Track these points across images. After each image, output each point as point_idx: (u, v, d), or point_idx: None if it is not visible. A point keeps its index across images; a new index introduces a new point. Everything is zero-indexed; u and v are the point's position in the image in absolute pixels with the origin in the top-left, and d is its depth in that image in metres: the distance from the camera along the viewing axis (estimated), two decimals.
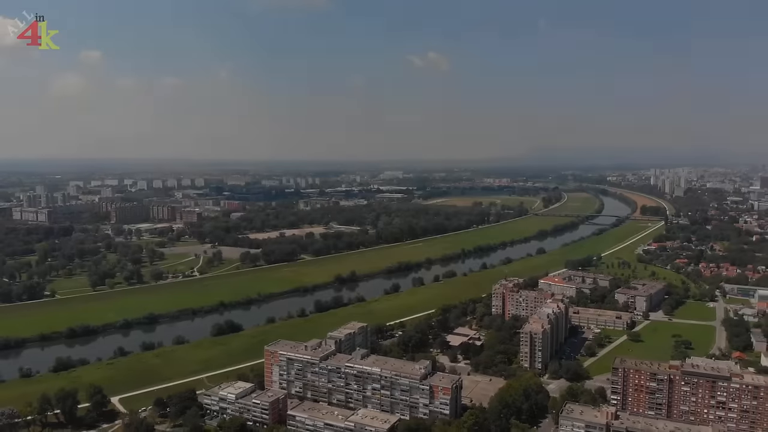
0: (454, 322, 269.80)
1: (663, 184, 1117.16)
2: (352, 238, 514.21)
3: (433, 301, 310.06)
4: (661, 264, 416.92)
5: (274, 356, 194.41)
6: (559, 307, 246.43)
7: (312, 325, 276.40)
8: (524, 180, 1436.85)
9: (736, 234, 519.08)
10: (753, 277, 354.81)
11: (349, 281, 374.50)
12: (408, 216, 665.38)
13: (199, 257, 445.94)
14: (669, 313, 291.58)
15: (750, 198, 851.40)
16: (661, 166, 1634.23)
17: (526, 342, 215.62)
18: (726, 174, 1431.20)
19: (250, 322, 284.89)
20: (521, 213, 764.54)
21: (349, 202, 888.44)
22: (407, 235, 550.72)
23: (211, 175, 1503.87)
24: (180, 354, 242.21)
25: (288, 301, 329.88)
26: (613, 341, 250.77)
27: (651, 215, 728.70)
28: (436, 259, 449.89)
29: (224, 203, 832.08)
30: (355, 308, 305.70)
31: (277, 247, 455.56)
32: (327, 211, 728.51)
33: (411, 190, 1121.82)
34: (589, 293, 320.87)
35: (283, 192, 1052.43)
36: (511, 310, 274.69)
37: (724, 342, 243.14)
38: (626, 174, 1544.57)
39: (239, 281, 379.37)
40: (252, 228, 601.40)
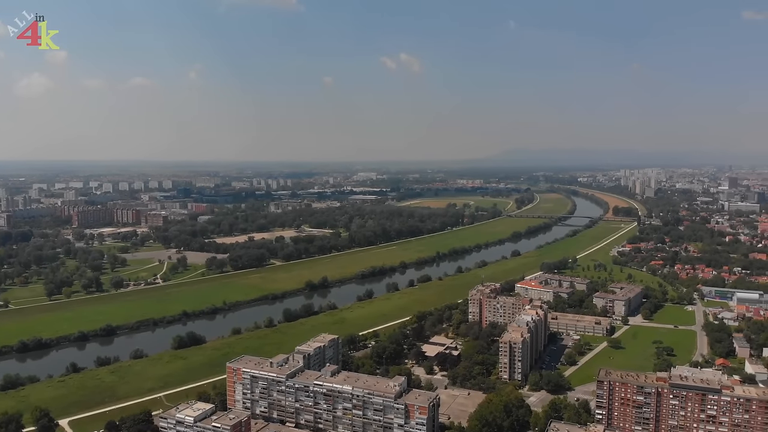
0: (430, 330, 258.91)
1: (633, 185, 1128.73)
2: (324, 241, 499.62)
3: (408, 308, 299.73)
4: (637, 266, 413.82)
5: (237, 374, 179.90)
6: (537, 314, 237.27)
7: (280, 336, 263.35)
8: (497, 181, 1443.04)
9: (709, 235, 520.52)
10: (729, 279, 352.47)
11: (321, 287, 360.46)
12: (382, 218, 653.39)
13: (163, 263, 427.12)
14: (648, 317, 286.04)
15: (720, 198, 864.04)
16: (630, 166, 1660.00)
17: (506, 352, 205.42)
18: (694, 174, 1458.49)
19: (214, 333, 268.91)
20: (495, 214, 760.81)
21: (322, 204, 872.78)
22: (381, 238, 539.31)
23: (179, 176, 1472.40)
24: (137, 369, 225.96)
25: (255, 310, 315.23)
26: (594, 348, 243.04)
27: (623, 216, 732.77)
28: (411, 262, 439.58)
29: (191, 206, 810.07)
30: (327, 317, 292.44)
31: (245, 252, 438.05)
32: (298, 214, 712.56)
33: (385, 192, 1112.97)
34: (567, 297, 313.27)
35: (254, 194, 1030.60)
36: (488, 316, 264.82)
37: (706, 348, 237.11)
38: (596, 175, 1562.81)
39: (204, 289, 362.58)
40: (220, 232, 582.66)
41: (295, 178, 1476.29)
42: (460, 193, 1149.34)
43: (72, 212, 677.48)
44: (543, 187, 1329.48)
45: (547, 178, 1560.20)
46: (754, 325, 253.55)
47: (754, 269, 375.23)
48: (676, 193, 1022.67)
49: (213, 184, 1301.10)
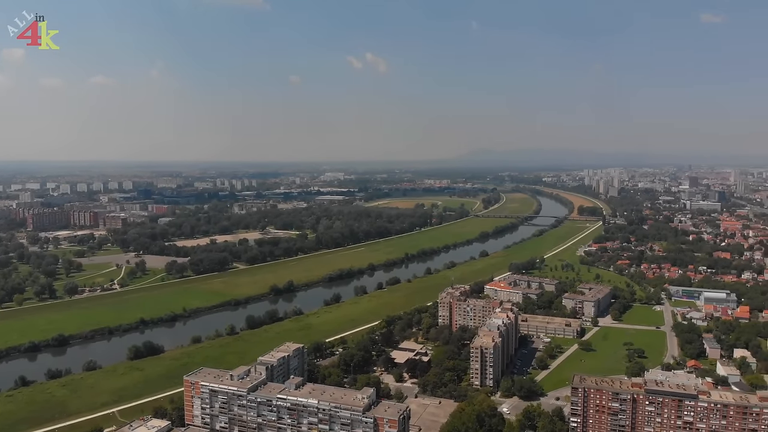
0: (400, 336, 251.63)
1: (597, 185, 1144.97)
2: (290, 243, 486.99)
3: (377, 312, 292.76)
4: (604, 266, 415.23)
5: (195, 387, 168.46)
6: (508, 317, 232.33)
7: (243, 344, 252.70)
8: (464, 181, 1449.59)
9: (673, 234, 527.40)
10: (695, 278, 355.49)
11: (286, 292, 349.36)
12: (349, 219, 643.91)
13: (121, 268, 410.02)
14: (617, 318, 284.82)
15: (681, 198, 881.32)
16: (593, 166, 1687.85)
17: (477, 358, 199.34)
18: (655, 174, 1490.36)
19: (173, 342, 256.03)
20: (462, 215, 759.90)
21: (288, 204, 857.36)
22: (349, 240, 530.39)
23: (140, 177, 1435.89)
24: (90, 382, 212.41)
25: (217, 317, 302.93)
26: (565, 351, 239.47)
27: (588, 215, 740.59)
28: (379, 264, 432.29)
29: (152, 207, 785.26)
30: (292, 323, 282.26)
31: (207, 256, 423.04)
32: (264, 215, 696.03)
33: (352, 192, 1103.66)
34: (536, 299, 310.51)
35: (217, 194, 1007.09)
36: (458, 320, 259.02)
37: (676, 349, 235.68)
38: (560, 175, 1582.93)
39: (163, 295, 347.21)
40: (181, 234, 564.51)
41: (260, 178, 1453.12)
42: (428, 194, 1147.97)
43: (27, 215, 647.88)
44: (508, 187, 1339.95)
45: (512, 178, 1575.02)
46: (723, 325, 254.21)
47: (719, 268, 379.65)
48: (638, 192, 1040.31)
49: (175, 184, 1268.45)
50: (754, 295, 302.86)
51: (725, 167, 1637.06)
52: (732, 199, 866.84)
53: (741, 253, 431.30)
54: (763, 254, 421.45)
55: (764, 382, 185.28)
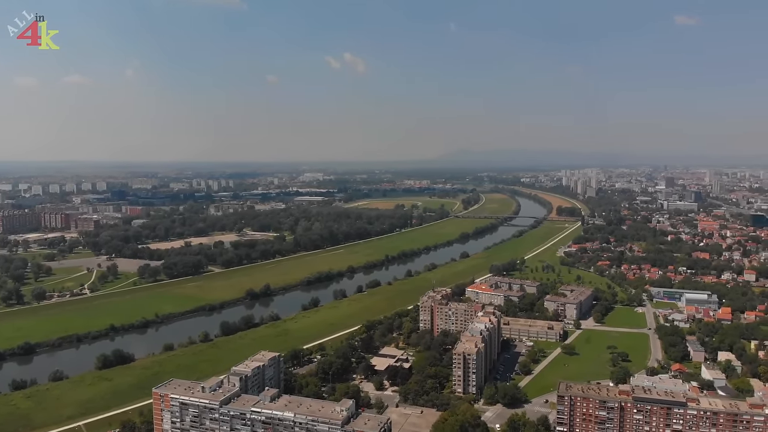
0: (380, 341, 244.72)
1: (575, 185, 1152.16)
2: (267, 246, 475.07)
3: (357, 316, 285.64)
4: (584, 267, 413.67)
5: (164, 400, 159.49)
6: (491, 321, 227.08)
7: (217, 351, 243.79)
8: (443, 181, 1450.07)
9: (651, 234, 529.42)
10: (675, 279, 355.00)
11: (263, 296, 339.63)
12: (329, 220, 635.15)
13: (92, 272, 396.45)
14: (599, 320, 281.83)
15: (658, 198, 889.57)
16: (570, 167, 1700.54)
17: (459, 365, 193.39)
18: (631, 174, 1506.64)
19: (144, 350, 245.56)
20: (443, 215, 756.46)
21: (266, 205, 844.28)
22: (328, 242, 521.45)
23: (115, 178, 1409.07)
24: (56, 393, 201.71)
25: (191, 323, 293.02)
26: (548, 355, 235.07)
27: (567, 216, 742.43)
28: (359, 267, 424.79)
29: (126, 209, 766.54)
30: (269, 329, 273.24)
31: (181, 259, 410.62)
32: (240, 217, 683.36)
33: (332, 193, 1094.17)
34: (518, 301, 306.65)
35: (193, 195, 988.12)
36: (440, 324, 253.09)
37: (660, 352, 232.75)
38: (538, 175, 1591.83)
39: (135, 299, 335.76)
40: (155, 236, 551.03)
41: (238, 178, 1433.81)
42: (408, 194, 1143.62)
43: None
44: (488, 187, 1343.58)
45: (491, 179, 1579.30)
46: (706, 327, 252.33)
47: (699, 269, 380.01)
48: (616, 192, 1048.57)
49: (150, 185, 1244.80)
50: (735, 296, 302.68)
51: (700, 167, 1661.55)
52: (708, 199, 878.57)
53: (720, 253, 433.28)
54: (741, 254, 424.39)
55: (750, 386, 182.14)
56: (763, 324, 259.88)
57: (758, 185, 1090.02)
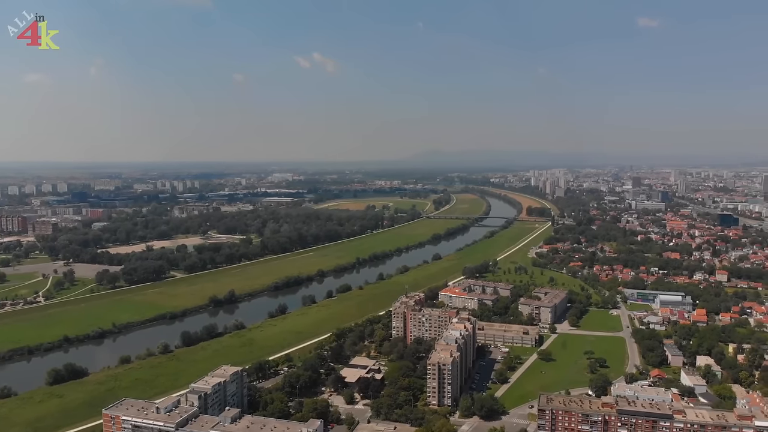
0: (350, 350, 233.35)
1: (544, 185, 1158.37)
2: (232, 249, 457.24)
3: (327, 323, 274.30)
4: (556, 268, 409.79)
5: (115, 422, 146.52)
6: (466, 327, 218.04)
7: (177, 364, 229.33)
8: (414, 182, 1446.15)
9: (621, 234, 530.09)
10: (648, 280, 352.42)
11: (227, 303, 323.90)
12: (298, 222, 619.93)
13: (48, 278, 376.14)
14: (575, 324, 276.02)
15: (626, 197, 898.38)
16: (538, 167, 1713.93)
17: (434, 375, 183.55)
18: (598, 174, 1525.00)
19: (99, 363, 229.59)
20: (414, 216, 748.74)
21: (232, 207, 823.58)
22: (297, 244, 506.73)
23: (77, 179, 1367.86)
24: (3, 412, 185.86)
25: (151, 332, 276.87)
26: (524, 361, 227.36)
27: (537, 216, 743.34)
28: (329, 270, 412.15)
29: (86, 211, 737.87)
30: (233, 338, 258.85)
31: (142, 264, 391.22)
32: (206, 219, 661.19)
33: (301, 193, 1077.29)
34: (492, 305, 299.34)
35: (157, 197, 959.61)
36: (413, 331, 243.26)
37: (637, 357, 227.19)
38: (507, 175, 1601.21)
39: (92, 308, 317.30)
40: (115, 240, 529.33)
41: (204, 179, 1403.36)
42: (379, 194, 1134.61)
43: None
44: (458, 187, 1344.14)
45: (461, 179, 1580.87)
46: (682, 330, 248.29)
47: (670, 269, 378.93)
48: (584, 192, 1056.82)
49: (113, 187, 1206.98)
50: (708, 297, 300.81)
51: (664, 167, 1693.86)
52: (675, 199, 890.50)
53: (690, 253, 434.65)
54: (711, 254, 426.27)
55: (731, 393, 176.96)
56: (738, 326, 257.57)
57: (722, 185, 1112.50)
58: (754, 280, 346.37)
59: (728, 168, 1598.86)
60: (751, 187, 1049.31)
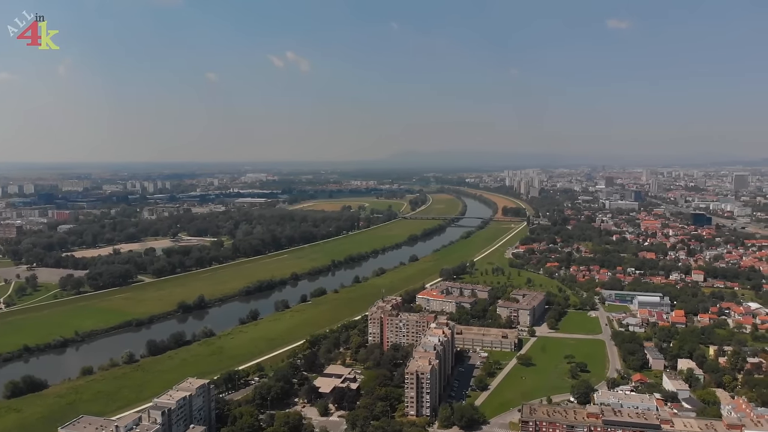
0: (325, 358, 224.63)
1: (518, 185, 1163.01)
2: (203, 252, 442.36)
3: (300, 330, 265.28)
4: (533, 268, 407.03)
5: None
6: (444, 333, 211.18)
7: (143, 374, 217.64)
8: (390, 182, 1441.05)
9: (597, 234, 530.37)
10: (625, 280, 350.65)
11: (197, 309, 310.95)
12: (271, 223, 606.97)
13: (10, 283, 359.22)
14: (553, 326, 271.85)
15: (599, 197, 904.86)
16: (512, 167, 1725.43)
17: (412, 385, 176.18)
18: (571, 174, 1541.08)
19: (60, 374, 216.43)
20: (390, 217, 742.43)
21: (204, 208, 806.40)
22: (270, 246, 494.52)
23: (45, 180, 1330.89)
24: None
25: (116, 340, 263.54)
26: (504, 367, 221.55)
27: (512, 216, 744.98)
28: (304, 273, 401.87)
29: (53, 213, 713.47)
30: (202, 347, 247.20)
31: (108, 268, 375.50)
32: (176, 220, 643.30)
33: (275, 194, 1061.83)
34: (470, 308, 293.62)
35: (126, 198, 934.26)
36: (390, 337, 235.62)
37: (618, 361, 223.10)
38: (482, 175, 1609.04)
39: (55, 315, 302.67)
40: (82, 243, 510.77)
41: (176, 179, 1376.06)
42: (355, 195, 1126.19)
43: None
44: (434, 187, 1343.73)
45: (437, 179, 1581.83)
46: (661, 332, 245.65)
47: (647, 269, 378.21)
48: (557, 192, 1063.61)
49: (82, 187, 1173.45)
50: (686, 298, 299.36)
51: (636, 167, 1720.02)
52: (647, 198, 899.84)
53: (665, 252, 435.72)
54: (686, 254, 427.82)
55: (716, 398, 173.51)
56: (717, 326, 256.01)
57: (693, 184, 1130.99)
58: (730, 279, 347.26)
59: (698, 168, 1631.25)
60: (722, 187, 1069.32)
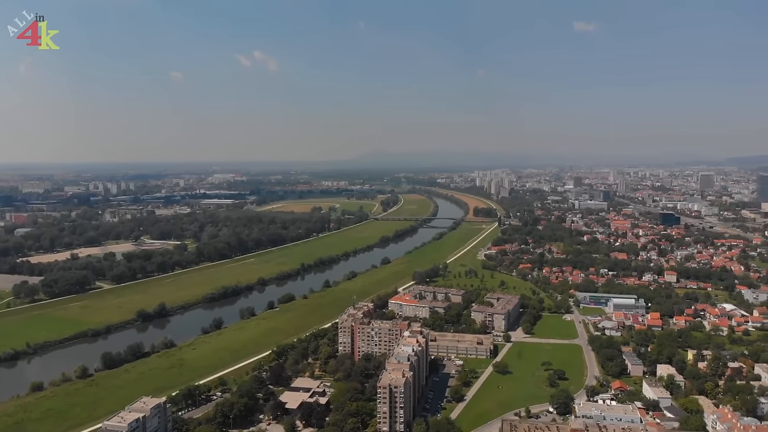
0: (292, 369, 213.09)
1: (488, 185, 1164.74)
2: (165, 257, 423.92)
3: (266, 339, 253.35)
4: (506, 270, 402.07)
5: None
6: (419, 342, 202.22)
7: (96, 390, 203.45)
8: (361, 182, 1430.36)
9: (568, 234, 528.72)
10: (598, 282, 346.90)
11: (158, 317, 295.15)
12: (238, 225, 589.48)
13: None
14: (529, 331, 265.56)
15: (569, 197, 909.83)
16: (482, 168, 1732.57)
17: (385, 400, 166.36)
18: (540, 174, 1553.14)
19: (8, 391, 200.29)
20: (362, 218, 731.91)
21: (169, 210, 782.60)
22: (236, 250, 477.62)
23: (4, 181, 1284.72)
24: None
25: (70, 352, 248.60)
26: (479, 375, 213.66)
27: (484, 216, 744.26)
28: (271, 278, 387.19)
29: (11, 216, 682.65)
30: (161, 359, 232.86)
31: (64, 275, 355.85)
32: (139, 223, 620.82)
33: (243, 195, 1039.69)
34: (444, 313, 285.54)
35: (88, 200, 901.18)
36: (361, 347, 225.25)
37: (596, 367, 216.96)
38: (453, 176, 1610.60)
39: (6, 324, 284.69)
40: (39, 248, 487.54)
41: (142, 180, 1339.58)
42: (326, 195, 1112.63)
43: None
44: (405, 188, 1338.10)
45: (408, 180, 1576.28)
46: (639, 336, 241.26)
47: (619, 270, 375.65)
48: (527, 192, 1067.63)
49: (43, 189, 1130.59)
50: (660, 300, 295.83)
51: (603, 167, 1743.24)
52: (616, 198, 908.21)
53: (636, 253, 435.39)
54: (658, 254, 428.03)
55: (698, 406, 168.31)
56: (694, 329, 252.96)
57: (659, 184, 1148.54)
58: (702, 280, 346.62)
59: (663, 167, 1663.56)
60: (688, 186, 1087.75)
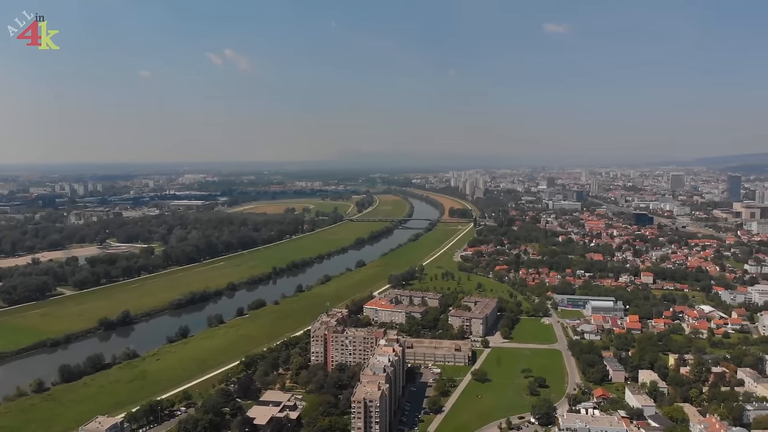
0: (262, 381, 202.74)
1: (463, 186, 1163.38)
2: (131, 261, 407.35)
3: (235, 348, 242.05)
4: (482, 272, 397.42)
5: None
6: (395, 351, 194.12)
7: (53, 406, 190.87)
8: (336, 183, 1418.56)
9: (543, 235, 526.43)
10: (575, 284, 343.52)
11: (121, 325, 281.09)
12: (208, 228, 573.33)
13: None
14: (507, 335, 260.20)
15: (542, 198, 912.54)
16: (456, 168, 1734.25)
17: (360, 414, 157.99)
18: (513, 175, 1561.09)
19: None
20: (336, 219, 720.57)
21: (137, 212, 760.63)
22: (205, 253, 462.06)
23: None
24: None
25: (27, 364, 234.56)
26: (458, 383, 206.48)
27: (459, 217, 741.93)
28: (242, 282, 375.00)
29: None
30: (123, 371, 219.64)
31: (23, 280, 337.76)
32: (105, 225, 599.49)
33: (214, 196, 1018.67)
34: (421, 317, 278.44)
35: (53, 201, 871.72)
36: (335, 356, 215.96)
37: (577, 374, 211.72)
38: (428, 176, 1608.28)
39: None
40: (0, 251, 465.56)
41: (110, 180, 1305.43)
42: (300, 196, 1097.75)
43: None
44: (380, 188, 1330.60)
45: (384, 180, 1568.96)
46: (618, 340, 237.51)
47: (596, 271, 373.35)
48: (501, 193, 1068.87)
49: (7, 190, 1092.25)
50: (638, 302, 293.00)
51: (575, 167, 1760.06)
52: (589, 198, 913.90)
53: (612, 253, 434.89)
54: (633, 254, 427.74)
55: (683, 414, 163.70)
56: (673, 332, 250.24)
57: (631, 184, 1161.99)
58: (678, 281, 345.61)
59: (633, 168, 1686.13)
60: (659, 186, 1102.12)
